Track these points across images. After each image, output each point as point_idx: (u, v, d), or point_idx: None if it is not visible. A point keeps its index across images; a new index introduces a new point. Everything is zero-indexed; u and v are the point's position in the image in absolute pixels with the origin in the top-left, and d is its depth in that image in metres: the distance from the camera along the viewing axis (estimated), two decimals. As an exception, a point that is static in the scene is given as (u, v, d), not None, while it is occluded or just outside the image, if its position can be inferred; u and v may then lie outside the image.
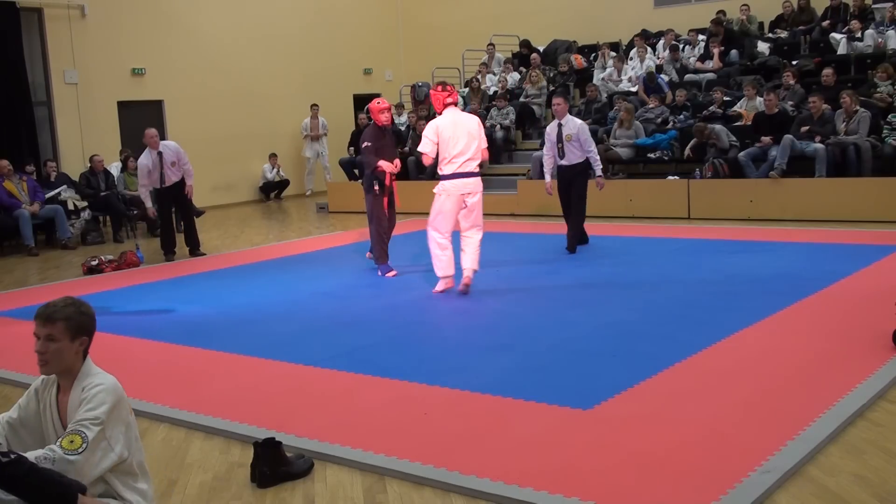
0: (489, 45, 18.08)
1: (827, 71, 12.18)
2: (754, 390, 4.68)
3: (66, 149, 14.73)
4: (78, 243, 12.52)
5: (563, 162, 9.39)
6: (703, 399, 4.60)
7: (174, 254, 10.65)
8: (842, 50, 13.46)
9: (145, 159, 10.41)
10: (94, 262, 10.04)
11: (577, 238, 9.52)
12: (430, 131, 7.41)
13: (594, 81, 15.11)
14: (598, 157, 9.38)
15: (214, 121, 16.62)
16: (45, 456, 2.91)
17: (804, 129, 11.20)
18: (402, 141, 14.49)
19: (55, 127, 14.72)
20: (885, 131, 10.94)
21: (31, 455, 2.91)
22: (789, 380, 4.83)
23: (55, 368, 3.09)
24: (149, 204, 10.73)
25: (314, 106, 18.10)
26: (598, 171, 9.43)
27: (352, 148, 16.03)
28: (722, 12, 15.71)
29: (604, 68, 15.58)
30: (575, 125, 9.30)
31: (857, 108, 10.99)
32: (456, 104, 7.65)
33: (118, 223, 13.15)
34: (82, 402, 3.02)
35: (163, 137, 16.27)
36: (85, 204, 12.92)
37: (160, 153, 10.41)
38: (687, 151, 12.11)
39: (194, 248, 10.83)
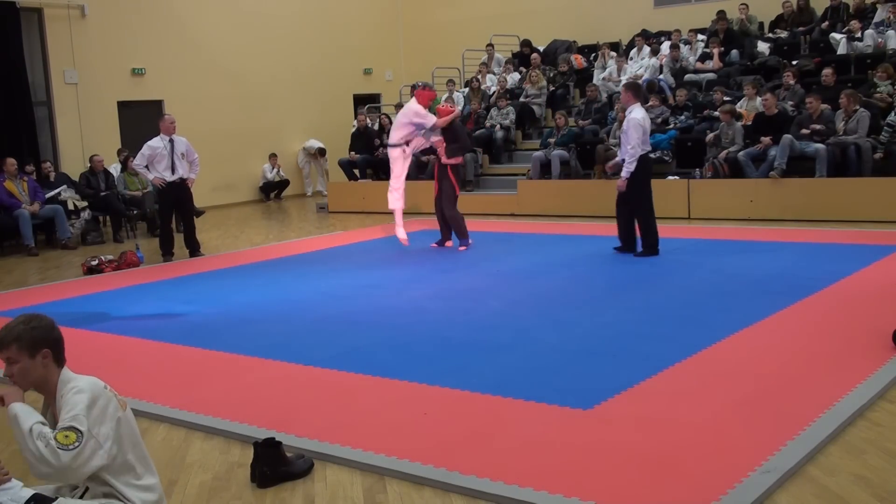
0: (488, 45, 18.09)
1: (827, 71, 12.17)
2: (754, 390, 4.68)
3: (66, 149, 14.73)
4: (78, 243, 12.53)
5: (620, 155, 9.06)
6: (702, 399, 4.60)
7: (172, 254, 10.64)
8: (842, 50, 13.46)
9: (156, 142, 10.42)
10: (94, 262, 10.04)
11: (629, 238, 9.06)
12: None
13: (594, 81, 15.10)
14: (630, 158, 8.66)
15: (214, 121, 16.61)
16: (40, 435, 2.91)
17: (804, 130, 11.18)
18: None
19: (55, 127, 14.72)
20: (884, 135, 10.91)
21: (28, 440, 2.91)
22: (789, 380, 4.83)
23: (26, 386, 3.10)
24: (151, 176, 10.52)
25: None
26: (623, 173, 8.77)
27: (352, 152, 16.02)
28: (722, 12, 15.71)
29: (604, 68, 15.57)
30: (628, 117, 8.83)
31: (857, 107, 10.99)
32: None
33: (118, 223, 13.16)
34: (62, 408, 3.03)
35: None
36: (85, 204, 12.92)
37: (172, 140, 10.42)
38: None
39: (194, 251, 10.83)
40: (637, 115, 8.75)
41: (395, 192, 10.17)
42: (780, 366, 5.09)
